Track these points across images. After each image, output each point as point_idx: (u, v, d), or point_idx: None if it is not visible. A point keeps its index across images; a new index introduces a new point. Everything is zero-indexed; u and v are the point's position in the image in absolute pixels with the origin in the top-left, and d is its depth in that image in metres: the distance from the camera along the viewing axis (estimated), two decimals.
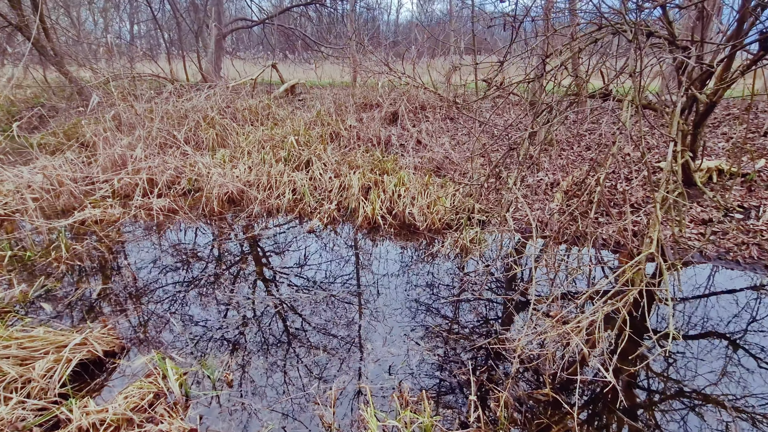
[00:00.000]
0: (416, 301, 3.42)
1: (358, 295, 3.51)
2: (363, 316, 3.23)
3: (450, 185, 5.01)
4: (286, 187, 5.60)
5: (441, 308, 3.34)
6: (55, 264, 3.91)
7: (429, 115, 7.74)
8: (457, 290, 3.59)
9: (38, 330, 2.58)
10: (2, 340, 2.33)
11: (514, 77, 5.37)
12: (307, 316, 3.20)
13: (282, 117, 8.27)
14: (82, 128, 7.55)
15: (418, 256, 4.23)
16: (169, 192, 5.75)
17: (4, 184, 5.44)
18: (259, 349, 2.82)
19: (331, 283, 3.71)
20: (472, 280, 3.72)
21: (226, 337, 2.95)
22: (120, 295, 3.46)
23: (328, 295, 3.51)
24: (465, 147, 6.35)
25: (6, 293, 3.25)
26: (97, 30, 21.63)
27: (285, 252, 4.32)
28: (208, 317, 3.18)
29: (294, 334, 3.01)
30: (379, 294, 3.54)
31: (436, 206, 4.69)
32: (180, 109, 7.79)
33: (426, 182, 4.94)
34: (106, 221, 4.93)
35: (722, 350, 2.77)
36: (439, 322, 3.15)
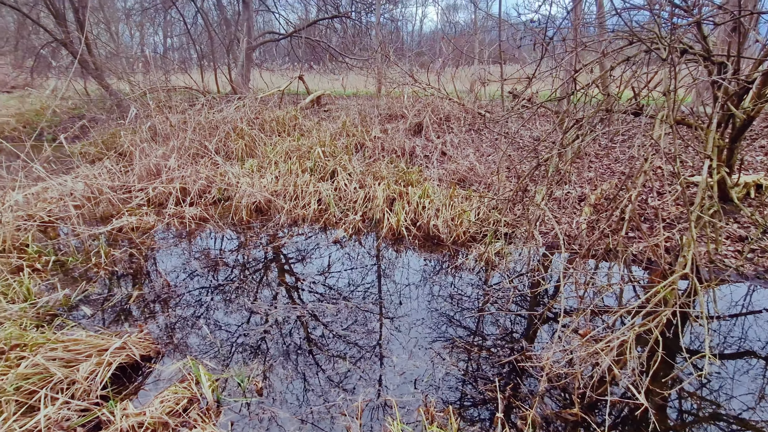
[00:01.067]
0: (440, 314, 3.43)
1: (382, 306, 3.55)
2: (387, 326, 3.25)
3: (475, 197, 5.01)
4: (311, 197, 5.71)
5: (466, 321, 3.33)
6: (95, 269, 4.11)
7: (453, 127, 7.75)
8: (481, 303, 3.57)
9: (81, 333, 2.73)
10: (50, 343, 2.47)
11: (542, 89, 5.34)
12: (332, 326, 3.25)
13: (308, 128, 8.45)
14: (120, 138, 7.93)
15: (443, 269, 4.23)
16: (200, 201, 5.96)
17: (49, 191, 5.77)
18: (285, 358, 2.89)
19: (355, 294, 3.76)
20: (498, 294, 3.70)
21: (254, 344, 3.03)
22: (155, 301, 3.60)
23: (352, 305, 3.55)
24: (490, 159, 6.33)
25: (51, 297, 3.44)
26: (134, 43, 22.69)
27: (310, 261, 4.40)
28: (237, 324, 3.27)
29: (319, 343, 3.06)
30: (402, 305, 3.56)
31: (461, 219, 4.69)
32: (211, 120, 8.08)
33: (451, 194, 4.95)
34: (142, 228, 5.14)
35: (760, 372, 2.66)
36: (464, 336, 3.14)
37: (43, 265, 4.08)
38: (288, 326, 3.26)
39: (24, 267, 3.92)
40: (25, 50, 12.44)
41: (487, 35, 14.11)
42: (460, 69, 10.61)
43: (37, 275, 3.92)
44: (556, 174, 3.12)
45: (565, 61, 5.68)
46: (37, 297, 3.46)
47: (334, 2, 14.25)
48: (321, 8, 15.25)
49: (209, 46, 12.28)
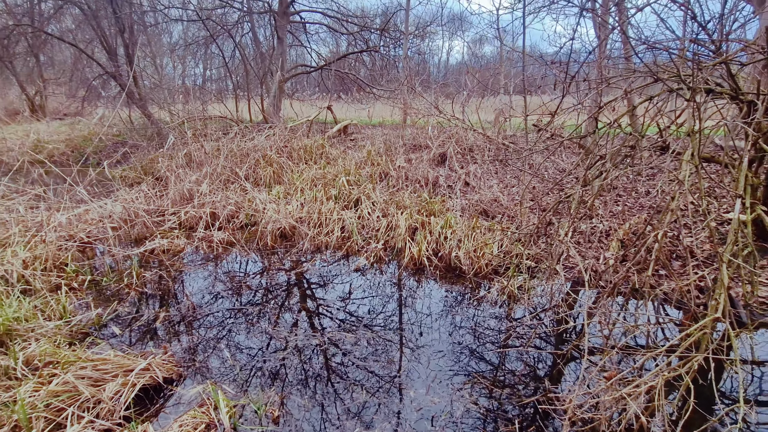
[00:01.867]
0: (460, 348, 3.37)
1: (402, 336, 3.52)
2: (407, 357, 3.22)
3: (498, 229, 4.97)
4: (335, 224, 5.80)
5: (486, 357, 3.26)
6: (126, 290, 4.28)
7: (477, 157, 7.80)
8: (503, 339, 3.49)
9: (110, 353, 2.83)
10: (81, 362, 2.58)
11: (567, 121, 5.33)
12: (351, 355, 3.25)
13: (334, 156, 8.69)
14: (158, 164, 8.38)
15: (464, 301, 4.18)
16: (228, 225, 6.16)
17: (90, 213, 6.12)
18: (303, 385, 2.89)
19: (375, 323, 3.75)
20: (520, 330, 3.61)
21: (273, 370, 3.05)
22: (180, 322, 3.71)
23: (372, 334, 3.54)
24: (514, 190, 6.30)
25: (84, 316, 3.60)
26: (176, 75, 24.19)
27: (332, 288, 4.44)
28: (257, 349, 3.31)
29: (338, 372, 3.05)
30: (422, 336, 3.53)
31: (483, 251, 4.65)
32: (243, 147, 8.45)
33: (473, 225, 4.94)
34: (172, 251, 5.35)
35: None
36: (485, 371, 3.07)
37: (79, 284, 4.29)
38: (307, 353, 3.28)
39: (62, 285, 4.13)
40: (78, 81, 13.49)
41: (513, 67, 14.30)
42: (485, 100, 10.75)
43: (74, 294, 4.12)
44: (579, 209, 3.08)
45: (589, 97, 5.69)
46: (72, 315, 3.63)
47: (364, 37, 14.89)
48: (351, 43, 15.93)
49: (245, 78, 12.96)
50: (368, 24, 14.61)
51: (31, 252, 4.47)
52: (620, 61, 5.88)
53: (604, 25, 5.03)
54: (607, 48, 5.36)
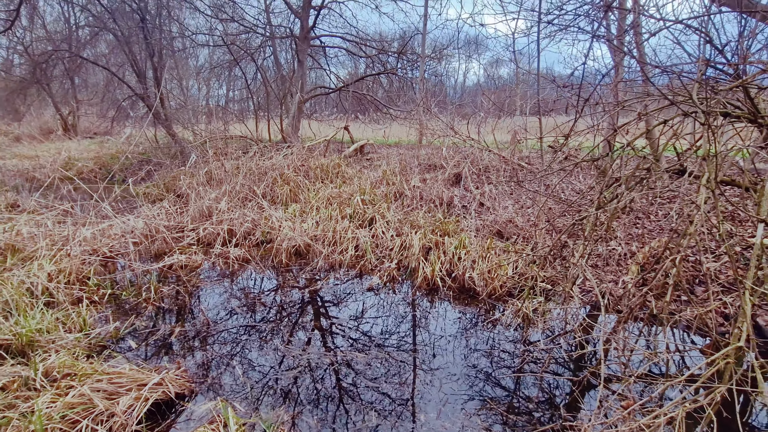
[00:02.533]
0: (474, 371, 3.30)
1: (415, 359, 3.48)
2: (419, 379, 3.17)
3: (512, 250, 4.92)
4: (349, 243, 5.84)
5: (500, 381, 3.18)
6: (144, 304, 4.38)
7: (492, 178, 7.79)
8: (517, 363, 3.41)
9: (125, 366, 2.88)
10: (97, 375, 2.64)
11: (584, 143, 5.31)
12: (362, 376, 3.22)
13: (350, 175, 8.80)
14: (179, 181, 8.65)
15: (477, 323, 4.11)
16: (244, 242, 6.27)
17: (113, 228, 6.32)
18: (314, 405, 2.87)
19: (388, 343, 3.72)
20: (535, 354, 3.52)
21: (285, 388, 3.05)
22: (194, 338, 3.75)
23: (384, 355, 3.51)
24: (529, 211, 6.25)
25: (103, 329, 3.68)
26: (200, 96, 25.13)
27: (345, 307, 4.44)
28: (270, 367, 3.32)
29: (349, 393, 3.02)
30: (435, 358, 3.48)
31: (498, 272, 4.60)
32: (261, 166, 8.65)
33: (488, 246, 4.90)
34: (190, 266, 5.45)
35: None
36: (498, 397, 2.99)
37: (100, 297, 4.41)
38: (319, 373, 3.26)
39: (83, 298, 4.25)
40: (109, 102, 14.14)
41: (529, 89, 14.38)
42: (501, 121, 10.79)
43: (94, 307, 4.23)
44: (593, 232, 3.04)
45: (604, 119, 5.67)
46: (91, 328, 3.72)
47: (381, 60, 15.27)
48: (369, 65, 16.33)
49: (265, 99, 13.38)
50: (386, 47, 14.99)
51: (56, 265, 4.62)
52: (636, 84, 5.86)
53: (618, 50, 5.05)
54: (625, 69, 5.36)
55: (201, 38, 13.26)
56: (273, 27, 14.34)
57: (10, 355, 3.13)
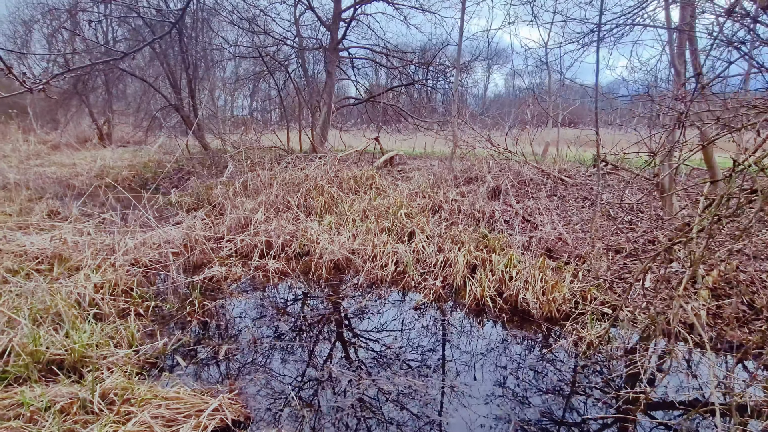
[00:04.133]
0: (530, 405, 3.06)
1: (470, 386, 3.26)
2: (473, 412, 2.95)
3: (568, 270, 4.65)
4: (389, 258, 5.67)
5: (565, 418, 2.93)
6: (189, 318, 4.29)
7: (532, 191, 7.53)
8: (581, 397, 3.15)
9: (180, 389, 2.77)
10: (156, 400, 2.52)
11: (632, 155, 5.01)
12: (421, 406, 3.02)
13: (384, 187, 8.67)
14: (213, 191, 8.69)
15: (534, 349, 3.87)
16: (281, 255, 6.17)
17: (152, 237, 6.32)
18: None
19: (437, 369, 3.52)
20: (599, 382, 3.25)
21: (339, 417, 2.87)
22: (243, 357, 3.63)
23: (438, 383, 3.31)
24: (577, 227, 5.96)
25: (152, 345, 3.60)
26: (227, 106, 25.66)
27: (393, 328, 4.26)
28: (321, 391, 3.15)
29: (401, 424, 2.83)
30: (485, 387, 3.25)
31: (554, 294, 4.34)
32: (294, 177, 8.61)
33: (540, 266, 4.65)
34: (230, 279, 5.38)
35: None
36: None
37: (144, 310, 4.35)
38: (373, 400, 3.08)
39: (129, 311, 4.20)
40: (144, 113, 14.50)
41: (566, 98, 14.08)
42: (538, 132, 10.53)
43: (139, 320, 4.16)
44: (700, 258, 2.77)
45: (664, 132, 5.37)
46: (139, 342, 3.64)
47: (408, 71, 15.30)
48: (396, 76, 16.33)
49: (297, 110, 13.48)
50: (415, 58, 14.96)
51: (102, 276, 4.60)
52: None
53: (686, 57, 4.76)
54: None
55: (234, 50, 13.49)
56: (302, 39, 14.51)
57: (63, 371, 3.07)
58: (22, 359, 2.95)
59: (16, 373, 2.89)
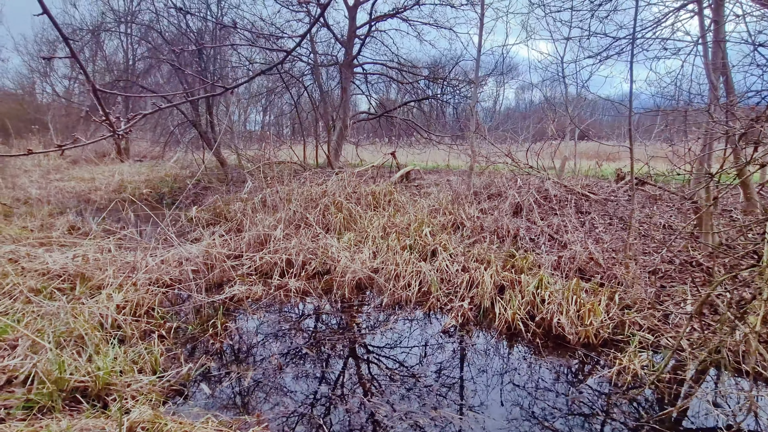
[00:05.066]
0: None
1: (503, 420, 3.07)
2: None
3: (603, 293, 4.45)
4: (412, 277, 5.51)
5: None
6: (211, 341, 4.17)
7: (556, 207, 7.35)
8: None
9: (211, 423, 2.63)
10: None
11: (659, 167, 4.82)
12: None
13: (402, 203, 8.55)
14: (230, 206, 8.67)
15: (573, 378, 3.66)
16: (301, 273, 6.05)
17: (172, 255, 6.26)
18: None
19: (472, 399, 3.33)
20: (650, 425, 3.04)
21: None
22: (268, 383, 3.49)
23: (476, 415, 3.12)
24: (606, 246, 5.75)
25: (176, 371, 3.48)
26: (239, 121, 26.00)
27: (421, 352, 4.09)
28: (349, 423, 2.99)
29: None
30: (528, 422, 3.05)
31: (590, 318, 4.14)
32: (311, 193, 8.55)
33: (574, 287, 4.46)
34: (251, 298, 5.27)
35: None
36: None
37: (166, 331, 4.25)
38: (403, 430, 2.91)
39: (151, 332, 4.10)
40: (162, 128, 14.70)
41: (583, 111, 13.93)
42: (558, 145, 10.37)
43: (161, 342, 4.06)
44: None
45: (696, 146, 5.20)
46: (163, 367, 3.53)
47: (422, 86, 15.38)
48: (409, 91, 16.39)
49: (315, 125, 13.55)
50: (430, 74, 15.01)
51: (124, 296, 4.53)
52: None
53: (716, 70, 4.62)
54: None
55: (251, 67, 13.66)
56: (317, 55, 14.66)
57: (87, 399, 2.96)
58: (46, 387, 2.85)
59: (40, 403, 2.79)
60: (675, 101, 8.82)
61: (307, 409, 3.16)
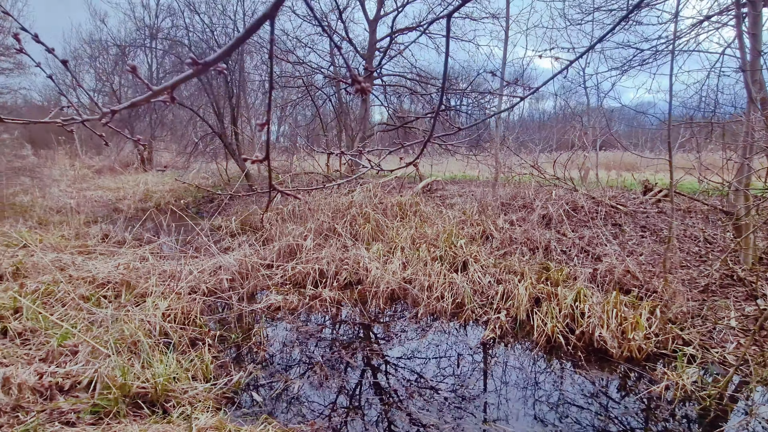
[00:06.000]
0: None
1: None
2: None
3: (644, 306, 4.42)
4: (445, 289, 5.54)
5: None
6: (255, 350, 4.25)
7: (584, 219, 7.32)
8: None
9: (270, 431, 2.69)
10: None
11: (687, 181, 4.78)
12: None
13: (428, 214, 8.60)
14: (256, 216, 8.83)
15: (620, 394, 3.64)
16: (332, 283, 6.13)
17: (208, 264, 6.40)
18: None
19: (518, 411, 3.34)
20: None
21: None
22: (315, 394, 3.54)
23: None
24: (642, 258, 5.71)
25: (227, 379, 3.56)
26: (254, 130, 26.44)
27: (462, 366, 4.11)
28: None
29: None
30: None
31: (634, 332, 4.12)
32: (339, 203, 8.67)
33: (614, 301, 4.44)
34: (287, 307, 5.35)
35: None
36: None
37: (211, 339, 4.35)
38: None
39: (198, 341, 4.20)
40: (187, 139, 15.09)
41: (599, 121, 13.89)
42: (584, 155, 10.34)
43: (207, 349, 4.15)
44: None
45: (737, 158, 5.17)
46: (213, 374, 3.61)
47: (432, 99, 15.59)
48: (428, 101, 16.57)
49: (338, 136, 13.77)
50: (450, 86, 15.15)
51: (168, 304, 4.65)
52: None
53: None
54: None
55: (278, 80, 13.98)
56: (337, 68, 14.95)
57: (146, 405, 3.05)
58: (111, 393, 2.95)
59: (106, 408, 2.88)
60: (700, 111, 8.78)
61: (355, 420, 3.20)
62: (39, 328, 3.77)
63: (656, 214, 7.29)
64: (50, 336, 3.64)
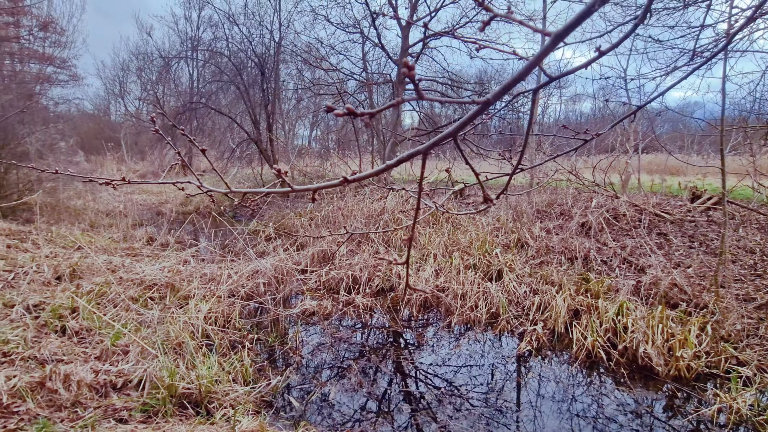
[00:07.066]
0: None
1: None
2: None
3: (693, 322, 4.19)
4: (479, 298, 5.46)
5: None
6: (291, 354, 4.35)
7: (626, 227, 7.03)
8: None
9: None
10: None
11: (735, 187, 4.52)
12: None
13: (461, 220, 8.52)
14: (291, 220, 9.03)
15: (668, 415, 3.46)
16: (366, 289, 6.17)
17: (245, 268, 6.60)
18: None
19: (557, 426, 3.24)
20: None
21: None
22: (352, 400, 3.58)
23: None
24: (690, 271, 5.42)
25: (266, 383, 3.66)
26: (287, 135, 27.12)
27: (499, 379, 4.03)
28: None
29: None
30: None
31: (682, 350, 3.91)
32: (371, 209, 8.73)
33: (660, 315, 4.24)
34: (322, 312, 5.44)
35: None
36: None
37: (250, 342, 4.48)
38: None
39: (238, 344, 4.34)
40: (225, 145, 15.67)
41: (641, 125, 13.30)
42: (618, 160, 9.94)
43: (246, 353, 4.29)
44: None
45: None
46: (252, 377, 3.73)
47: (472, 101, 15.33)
48: (458, 108, 16.45)
49: (370, 141, 13.92)
50: (483, 89, 14.99)
51: (210, 307, 4.83)
52: None
53: None
54: None
55: (312, 87, 14.29)
56: (369, 74, 15.10)
57: (190, 405, 3.19)
58: (159, 392, 3.10)
59: (155, 407, 3.04)
60: (754, 114, 8.23)
61: (385, 425, 3.21)
62: (94, 328, 4.01)
63: (706, 224, 6.90)
64: (104, 335, 3.88)
